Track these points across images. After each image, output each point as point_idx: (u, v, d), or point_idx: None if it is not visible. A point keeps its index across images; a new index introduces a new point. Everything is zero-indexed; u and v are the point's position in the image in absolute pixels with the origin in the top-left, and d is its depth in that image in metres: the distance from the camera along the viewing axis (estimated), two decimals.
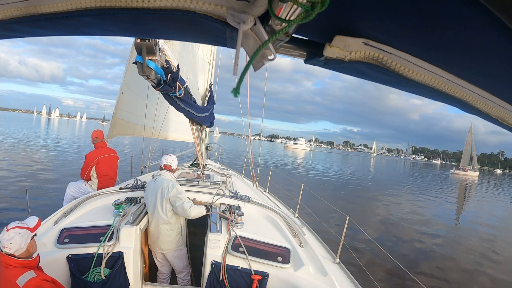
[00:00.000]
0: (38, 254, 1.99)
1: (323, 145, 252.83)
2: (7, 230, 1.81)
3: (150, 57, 2.00)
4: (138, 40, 1.88)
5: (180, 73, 2.62)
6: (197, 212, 2.88)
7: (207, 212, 2.99)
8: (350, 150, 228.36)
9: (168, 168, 3.09)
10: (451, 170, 57.65)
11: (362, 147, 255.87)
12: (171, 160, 3.13)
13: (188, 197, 3.04)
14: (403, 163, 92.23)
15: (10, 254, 1.81)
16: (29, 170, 12.14)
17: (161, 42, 2.31)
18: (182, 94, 2.70)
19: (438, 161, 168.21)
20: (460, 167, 57.50)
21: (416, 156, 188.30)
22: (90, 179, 4.66)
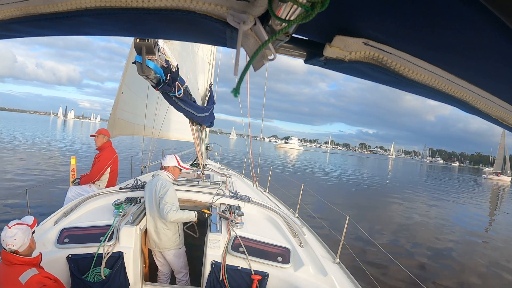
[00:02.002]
0: (41, 253, 2.01)
1: (339, 147, 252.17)
2: (9, 228, 1.84)
3: (149, 57, 2.00)
4: (138, 40, 1.89)
5: (179, 73, 2.62)
6: (179, 217, 2.78)
7: (200, 217, 2.92)
8: (366, 152, 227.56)
9: (165, 168, 3.10)
10: (483, 175, 55.08)
11: (379, 149, 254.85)
12: (168, 160, 3.13)
13: (183, 201, 3.02)
14: (422, 166, 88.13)
15: (13, 251, 1.83)
16: (30, 170, 12.14)
17: (161, 42, 2.31)
18: (182, 94, 2.70)
19: (457, 164, 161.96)
20: (493, 171, 55.14)
21: (434, 158, 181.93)
22: (99, 179, 4.65)
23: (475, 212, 15.56)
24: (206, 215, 3.03)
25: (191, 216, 2.88)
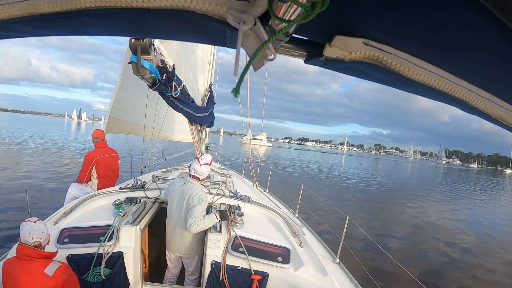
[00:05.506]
0: (58, 249, 2.19)
1: (354, 148, 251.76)
2: (34, 223, 1.94)
3: (144, 57, 2.00)
4: (133, 40, 1.90)
5: (177, 73, 2.62)
6: (201, 227, 2.67)
7: (221, 218, 2.77)
8: (381, 153, 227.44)
9: (196, 178, 2.95)
10: None
11: (394, 150, 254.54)
12: (205, 169, 2.94)
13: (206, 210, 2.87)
14: (439, 168, 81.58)
15: (37, 245, 1.92)
16: (31, 170, 12.14)
17: (157, 41, 2.31)
18: (179, 94, 2.69)
19: (475, 165, 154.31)
20: None
21: (451, 159, 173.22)
22: (90, 180, 4.64)
23: None
24: (227, 213, 2.90)
25: (213, 220, 2.74)
